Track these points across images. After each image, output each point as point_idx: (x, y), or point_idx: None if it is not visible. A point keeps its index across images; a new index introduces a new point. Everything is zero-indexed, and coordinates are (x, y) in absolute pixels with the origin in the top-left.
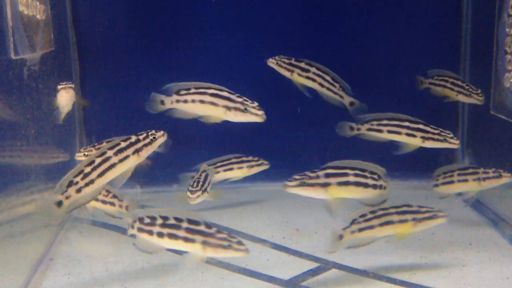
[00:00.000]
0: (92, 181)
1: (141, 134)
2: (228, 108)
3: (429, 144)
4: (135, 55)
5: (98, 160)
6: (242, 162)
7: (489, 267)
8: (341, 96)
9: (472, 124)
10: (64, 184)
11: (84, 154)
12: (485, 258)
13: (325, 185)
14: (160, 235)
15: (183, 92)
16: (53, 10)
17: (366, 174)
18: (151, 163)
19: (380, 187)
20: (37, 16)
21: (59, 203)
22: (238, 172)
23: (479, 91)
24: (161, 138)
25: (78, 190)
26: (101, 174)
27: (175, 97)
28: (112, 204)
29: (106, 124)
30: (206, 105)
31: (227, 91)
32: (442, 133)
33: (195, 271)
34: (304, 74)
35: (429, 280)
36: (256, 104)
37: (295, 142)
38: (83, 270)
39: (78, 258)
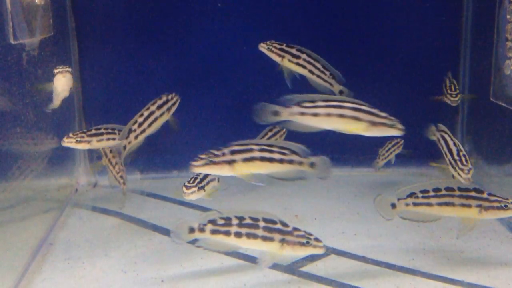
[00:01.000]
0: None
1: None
2: (373, 124)
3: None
4: (134, 41)
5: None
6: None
7: (487, 253)
8: (330, 84)
9: (472, 111)
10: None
11: (77, 140)
12: (484, 244)
13: (231, 162)
14: (238, 235)
15: (308, 104)
16: None
17: (273, 149)
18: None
19: (291, 161)
20: (36, 1)
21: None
22: None
23: (455, 91)
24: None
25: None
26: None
27: (297, 109)
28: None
29: (105, 109)
30: (343, 119)
31: (366, 105)
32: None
33: (195, 256)
34: (295, 60)
35: (428, 266)
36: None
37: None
38: (83, 255)
39: (77, 243)
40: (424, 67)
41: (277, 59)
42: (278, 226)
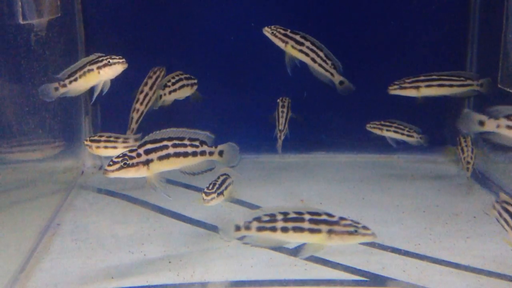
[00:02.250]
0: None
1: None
2: None
3: None
4: (140, 23)
5: None
6: None
7: (493, 239)
8: (331, 74)
9: (480, 98)
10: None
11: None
12: (489, 231)
13: (147, 162)
14: (285, 229)
15: None
16: None
17: (185, 142)
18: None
19: (203, 153)
20: None
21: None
22: None
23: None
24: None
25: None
26: None
27: (505, 121)
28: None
29: (112, 91)
30: None
31: None
32: None
33: (201, 239)
34: (298, 47)
35: (434, 251)
36: None
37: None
38: (90, 236)
39: (84, 224)
40: (431, 54)
41: (280, 44)
42: (324, 217)
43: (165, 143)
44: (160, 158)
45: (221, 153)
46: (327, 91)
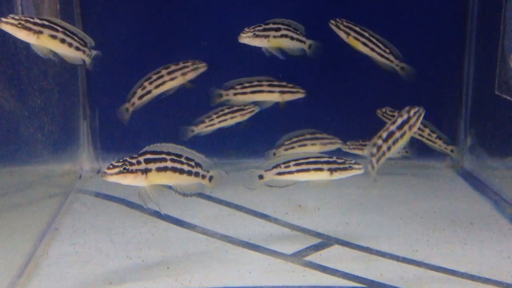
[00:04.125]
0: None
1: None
2: None
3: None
4: (140, 27)
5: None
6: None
7: (490, 246)
8: (391, 61)
9: (476, 104)
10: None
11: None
12: (487, 237)
13: (146, 171)
14: (298, 171)
15: None
16: None
17: (182, 160)
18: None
19: (196, 174)
20: None
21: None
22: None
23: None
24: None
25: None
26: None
27: None
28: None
29: (110, 95)
30: None
31: None
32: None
33: (199, 244)
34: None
35: (431, 257)
36: None
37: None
38: (88, 240)
39: (83, 228)
40: (429, 59)
41: (343, 35)
42: (325, 159)
43: (164, 156)
44: (158, 170)
45: (211, 178)
46: (324, 97)
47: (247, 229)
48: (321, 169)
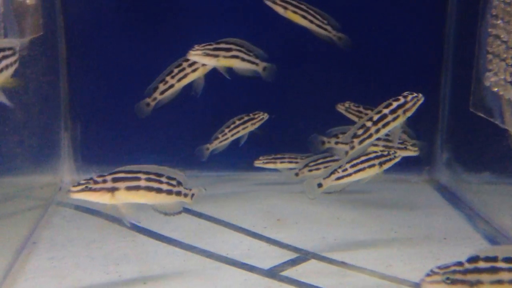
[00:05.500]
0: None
1: None
2: None
3: None
4: (123, 40)
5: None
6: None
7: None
8: (329, 32)
9: (452, 120)
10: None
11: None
12: (459, 252)
13: (113, 189)
14: (356, 172)
15: None
16: None
17: (162, 179)
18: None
19: (178, 193)
20: (27, 1)
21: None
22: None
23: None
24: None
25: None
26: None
27: None
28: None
29: (92, 107)
30: None
31: None
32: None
33: (177, 259)
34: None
35: (405, 272)
36: None
37: (282, 129)
38: (66, 255)
39: (61, 242)
40: (406, 76)
41: (280, 10)
42: (374, 154)
43: (139, 175)
44: (129, 189)
45: (192, 196)
46: (302, 111)
47: (225, 244)
48: (373, 165)
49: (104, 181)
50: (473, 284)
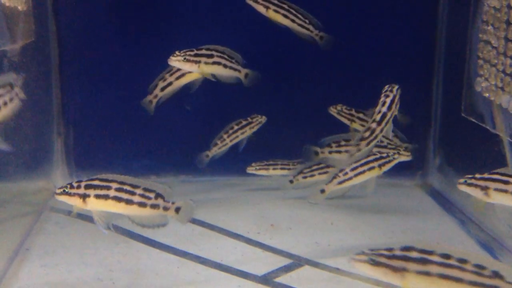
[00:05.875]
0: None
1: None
2: None
3: None
4: (115, 45)
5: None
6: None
7: None
8: (311, 31)
9: (444, 125)
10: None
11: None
12: None
13: (84, 196)
14: (356, 175)
15: None
16: (34, 0)
17: (135, 190)
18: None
19: (154, 206)
20: (19, 7)
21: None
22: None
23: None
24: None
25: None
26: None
27: None
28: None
29: (85, 112)
30: None
31: None
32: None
33: (171, 265)
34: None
35: None
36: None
37: (276, 135)
38: (60, 262)
39: (54, 249)
40: (398, 81)
41: (262, 10)
42: (373, 157)
43: (111, 184)
44: (97, 197)
45: (177, 209)
46: (298, 114)
47: (219, 250)
48: (373, 167)
49: (79, 187)
50: (397, 270)
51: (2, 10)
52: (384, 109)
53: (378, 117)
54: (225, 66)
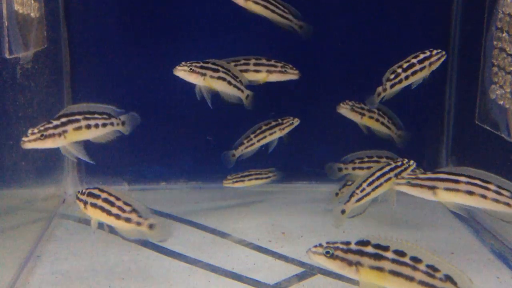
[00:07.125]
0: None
1: None
2: None
3: None
4: (126, 52)
5: None
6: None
7: (470, 275)
8: (290, 21)
9: (457, 132)
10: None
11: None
12: (466, 267)
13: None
14: (374, 189)
15: None
16: (47, 7)
17: (116, 202)
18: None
19: (128, 220)
20: (31, 14)
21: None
22: None
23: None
24: None
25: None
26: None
27: None
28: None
29: None
30: None
31: None
32: None
33: (182, 273)
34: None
35: None
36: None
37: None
38: (70, 269)
39: (65, 256)
40: (410, 91)
41: (240, 2)
42: (388, 167)
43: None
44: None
45: (151, 226)
46: (308, 121)
47: (230, 258)
48: (390, 178)
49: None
50: (352, 264)
51: (15, 17)
52: (414, 60)
53: (405, 65)
54: (229, 83)
